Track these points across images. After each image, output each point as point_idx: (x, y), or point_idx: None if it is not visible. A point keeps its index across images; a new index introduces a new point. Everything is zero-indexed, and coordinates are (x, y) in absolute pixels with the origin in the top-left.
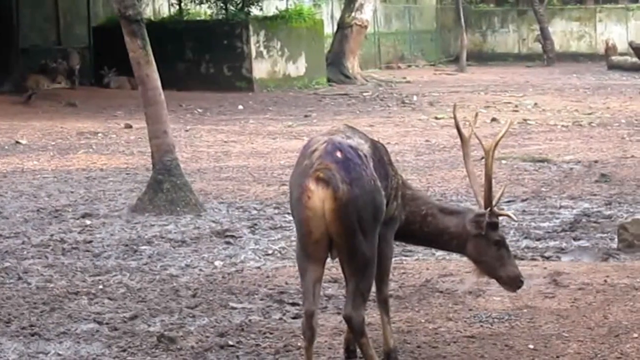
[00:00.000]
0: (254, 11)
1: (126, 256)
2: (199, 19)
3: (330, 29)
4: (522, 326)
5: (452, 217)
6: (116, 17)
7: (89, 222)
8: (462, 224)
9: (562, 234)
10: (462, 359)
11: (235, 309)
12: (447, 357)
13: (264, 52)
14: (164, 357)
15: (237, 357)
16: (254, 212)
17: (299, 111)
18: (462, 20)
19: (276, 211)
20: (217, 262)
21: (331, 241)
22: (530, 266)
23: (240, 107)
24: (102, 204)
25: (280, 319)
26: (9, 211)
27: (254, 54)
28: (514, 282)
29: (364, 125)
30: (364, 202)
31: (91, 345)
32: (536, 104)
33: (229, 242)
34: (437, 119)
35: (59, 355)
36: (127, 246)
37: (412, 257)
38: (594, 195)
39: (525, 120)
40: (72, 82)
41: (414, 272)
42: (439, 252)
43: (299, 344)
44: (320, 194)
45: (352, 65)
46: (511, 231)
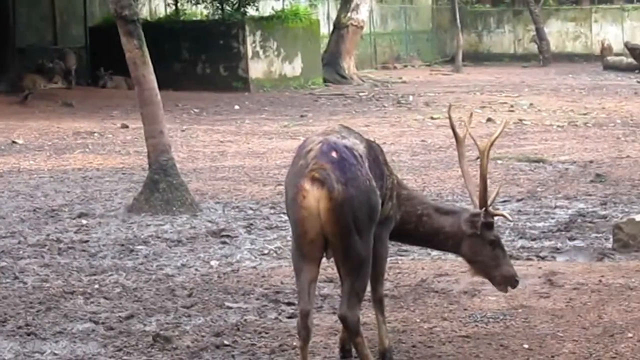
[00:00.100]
0: (250, 11)
1: (122, 256)
2: (195, 19)
3: (326, 29)
4: (517, 326)
5: (448, 217)
6: (112, 17)
7: (85, 222)
8: (457, 223)
9: (557, 234)
10: (457, 358)
11: (231, 308)
12: (442, 357)
13: (260, 52)
14: (159, 356)
15: (233, 356)
16: (250, 212)
17: (295, 111)
18: (458, 20)
19: (272, 211)
20: (213, 262)
21: (326, 241)
22: (525, 266)
23: (236, 107)
24: (99, 204)
25: (275, 318)
26: (5, 211)
27: (250, 54)
28: (509, 282)
29: (360, 125)
30: (359, 202)
31: (87, 344)
32: (532, 104)
33: (224, 242)
34: (432, 119)
35: (55, 354)
36: (123, 246)
37: (407, 256)
38: (589, 195)
39: (520, 120)
40: (68, 82)
41: (410, 271)
42: (435, 252)
43: (295, 344)
44: (315, 194)
45: (348, 65)
46: (506, 231)
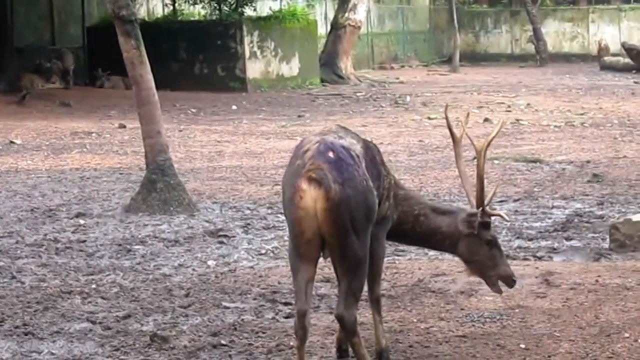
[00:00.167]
0: (248, 11)
1: (119, 256)
2: (192, 19)
3: (323, 29)
4: (513, 326)
5: (445, 217)
6: (110, 17)
7: (82, 222)
8: (454, 223)
9: (554, 234)
10: (454, 358)
11: (228, 308)
12: (439, 357)
13: (258, 52)
14: (156, 356)
15: (230, 356)
16: (247, 212)
17: (292, 111)
18: (455, 20)
19: (269, 211)
20: (210, 262)
21: (323, 241)
22: (522, 266)
23: (233, 107)
24: (96, 204)
25: (272, 318)
26: (3, 211)
27: (247, 54)
28: (506, 281)
29: (357, 125)
30: (356, 202)
31: (84, 344)
32: (529, 105)
33: (222, 242)
34: (430, 119)
35: (52, 354)
36: (120, 246)
37: (404, 256)
38: (586, 195)
39: (517, 120)
40: (66, 82)
41: (407, 271)
42: (432, 252)
43: (292, 343)
44: (312, 194)
45: (346, 65)
46: (503, 231)
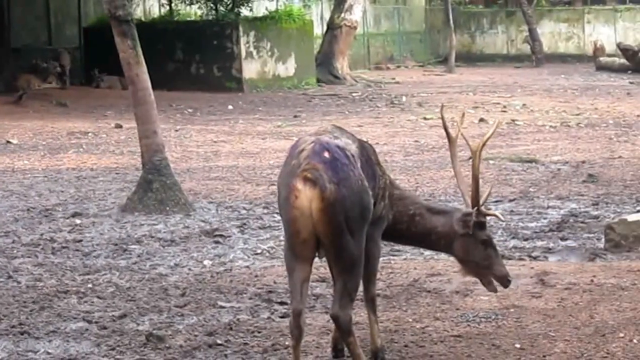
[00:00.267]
0: (244, 12)
1: (116, 255)
2: (189, 19)
3: (319, 29)
4: (509, 325)
5: (440, 217)
6: (107, 18)
7: (78, 222)
8: (449, 223)
9: (549, 234)
10: (449, 358)
11: (223, 308)
12: (434, 357)
13: (254, 52)
14: (152, 355)
15: (226, 355)
16: (243, 211)
17: (288, 111)
18: (451, 21)
19: (265, 211)
20: (206, 262)
21: (319, 241)
22: (517, 266)
23: (230, 107)
24: (92, 204)
25: (268, 318)
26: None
27: (243, 54)
28: (501, 281)
29: (353, 125)
30: (352, 202)
31: (80, 343)
32: (524, 105)
33: (218, 242)
34: (425, 119)
35: (49, 353)
36: (116, 245)
37: (400, 256)
38: (582, 195)
39: (513, 120)
40: (62, 82)
41: (402, 271)
42: (427, 252)
43: (287, 343)
44: (307, 193)
45: (342, 65)
46: (499, 231)
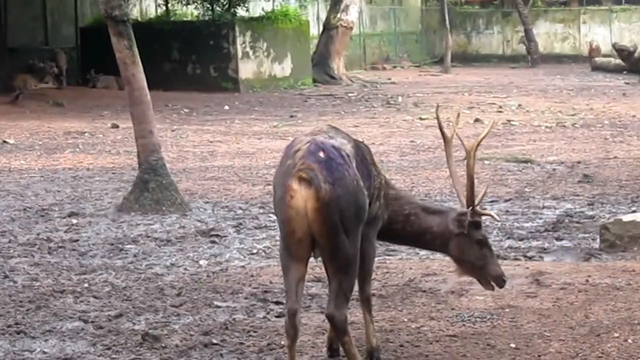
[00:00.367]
0: (240, 12)
1: (112, 255)
2: (185, 19)
3: (316, 30)
4: (504, 325)
5: (435, 217)
6: (103, 18)
7: (75, 221)
8: (444, 223)
9: (544, 234)
10: (445, 358)
11: (219, 307)
12: (429, 356)
13: (250, 52)
14: (148, 355)
15: (221, 355)
16: (239, 211)
17: (284, 111)
18: (447, 21)
19: (261, 211)
20: (202, 261)
21: (314, 240)
22: (512, 266)
23: (226, 107)
24: (89, 203)
25: (264, 317)
26: None
27: (240, 54)
28: (496, 281)
29: (349, 125)
30: (347, 201)
31: (76, 343)
32: (520, 105)
33: (214, 242)
34: (421, 119)
35: (45, 353)
36: (112, 245)
37: (395, 256)
38: (577, 195)
39: (509, 121)
40: (59, 82)
41: (397, 271)
42: (423, 252)
43: (283, 343)
44: (302, 193)
45: (338, 66)
46: (494, 231)
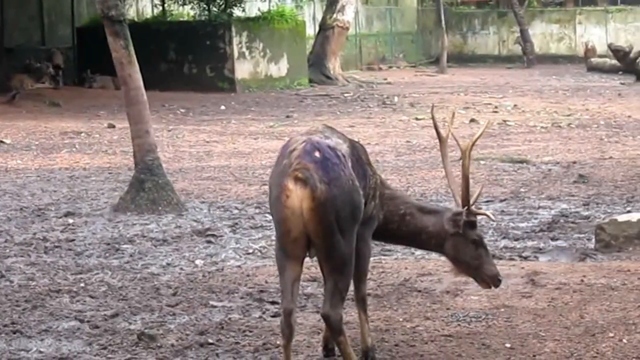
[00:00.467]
0: (237, 12)
1: (108, 255)
2: (182, 19)
3: (312, 30)
4: (499, 325)
5: (431, 217)
6: (99, 18)
7: (71, 221)
8: (440, 223)
9: (540, 234)
10: (440, 357)
11: (215, 307)
12: (424, 356)
13: (246, 53)
14: (144, 354)
15: (217, 355)
16: (235, 211)
17: (280, 111)
18: (443, 22)
19: (257, 211)
20: (198, 261)
21: (309, 240)
22: (508, 266)
23: (222, 107)
24: (85, 203)
25: (259, 317)
26: None
27: (236, 54)
28: (492, 281)
29: (345, 125)
30: (342, 201)
31: (72, 342)
32: (516, 105)
33: (210, 241)
34: (417, 119)
35: (41, 352)
36: (109, 245)
37: (390, 256)
38: (572, 196)
39: (504, 121)
40: (56, 82)
41: (393, 271)
42: (418, 252)
43: (278, 342)
44: (298, 193)
45: (334, 66)
46: (490, 231)
